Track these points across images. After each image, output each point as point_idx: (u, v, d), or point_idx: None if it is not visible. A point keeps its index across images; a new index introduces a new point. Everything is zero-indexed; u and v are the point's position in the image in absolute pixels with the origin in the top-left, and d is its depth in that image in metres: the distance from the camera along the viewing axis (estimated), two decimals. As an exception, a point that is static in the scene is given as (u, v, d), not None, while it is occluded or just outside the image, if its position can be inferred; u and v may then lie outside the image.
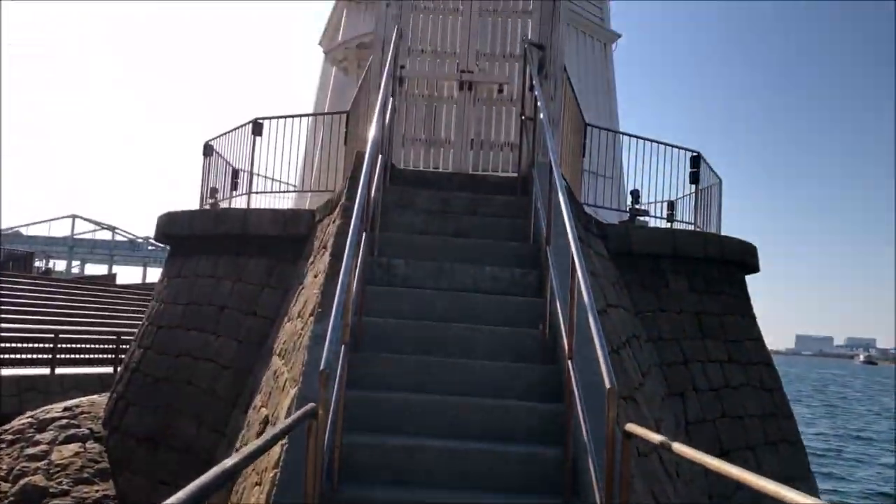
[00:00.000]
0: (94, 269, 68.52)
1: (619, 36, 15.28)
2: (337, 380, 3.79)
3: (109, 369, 16.54)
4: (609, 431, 3.27)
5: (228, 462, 1.92)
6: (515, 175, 7.72)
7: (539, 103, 6.45)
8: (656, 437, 2.94)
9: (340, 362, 3.92)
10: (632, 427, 3.15)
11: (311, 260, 7.64)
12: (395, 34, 7.48)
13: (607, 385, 3.28)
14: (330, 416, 3.65)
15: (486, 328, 5.35)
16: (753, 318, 10.53)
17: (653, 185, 10.47)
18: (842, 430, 36.67)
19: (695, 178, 10.72)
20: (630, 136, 10.60)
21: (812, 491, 9.79)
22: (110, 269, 66.88)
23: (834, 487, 21.39)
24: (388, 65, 6.87)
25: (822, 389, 71.40)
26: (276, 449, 4.13)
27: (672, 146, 10.49)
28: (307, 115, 11.25)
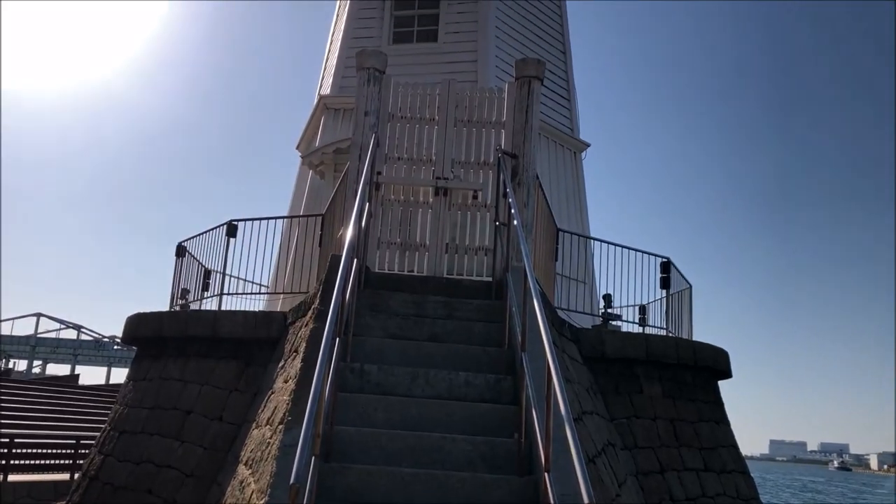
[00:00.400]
0: (57, 369, 66.78)
1: (588, 145, 15.78)
2: (307, 493, 3.66)
3: (66, 476, 15.83)
4: (588, 549, 3.17)
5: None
6: (490, 279, 7.77)
7: (513, 210, 6.57)
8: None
9: (311, 474, 3.80)
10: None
11: (281, 364, 7.51)
12: (372, 142, 7.66)
13: (585, 501, 3.20)
14: (298, 533, 3.49)
15: (460, 437, 5.24)
16: (728, 424, 10.46)
17: (624, 290, 10.58)
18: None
19: (665, 284, 10.87)
20: (601, 241, 10.78)
21: None
22: (73, 368, 65.19)
23: None
24: (364, 171, 7.00)
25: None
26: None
27: (642, 252, 10.68)
28: (282, 217, 11.34)
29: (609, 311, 10.84)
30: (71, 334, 72.31)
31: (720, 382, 10.94)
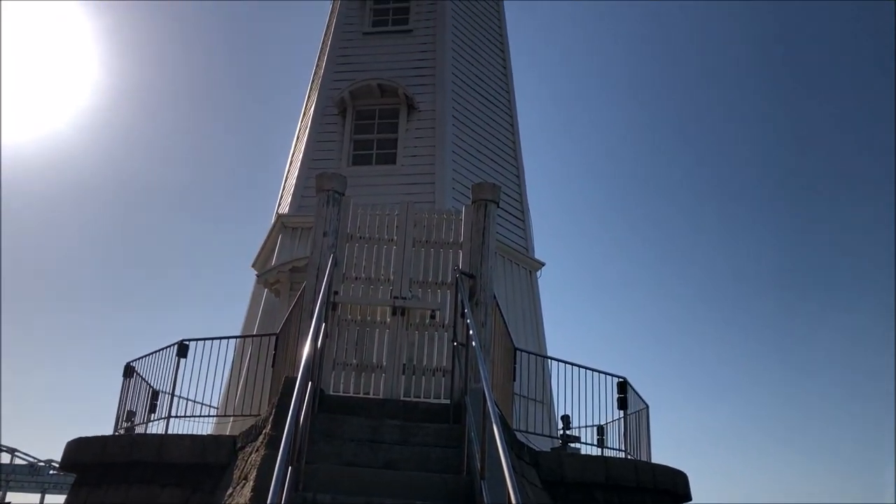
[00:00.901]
0: (-15, 496, 62.63)
1: (543, 264, 16.06)
2: None
3: None
4: None
5: None
6: (448, 401, 7.65)
7: (471, 331, 6.56)
8: None
9: None
10: None
11: (229, 492, 7.18)
12: (330, 262, 7.68)
13: None
14: None
15: (417, 571, 5.00)
16: (690, 551, 10.21)
17: (583, 410, 10.50)
18: None
19: (622, 404, 10.82)
20: (558, 360, 10.78)
21: None
22: (4, 496, 61.26)
23: None
24: (322, 291, 6.97)
25: None
26: None
27: (598, 371, 10.68)
28: (235, 337, 11.15)
29: (568, 432, 10.72)
30: (4, 458, 68.38)
31: (681, 506, 10.75)
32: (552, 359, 11.30)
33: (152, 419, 10.39)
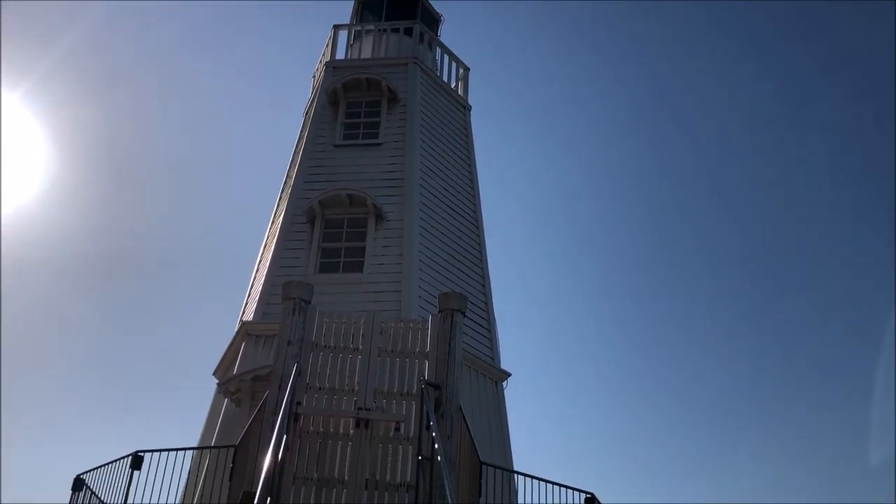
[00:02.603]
0: None
1: (509, 374, 15.97)
2: None
3: None
4: None
5: None
6: (411, 519, 7.42)
7: (436, 445, 6.46)
8: None
9: None
10: None
11: None
12: (294, 371, 7.58)
13: None
14: None
15: None
16: None
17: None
18: None
19: (590, 525, 10.55)
20: (524, 475, 10.54)
21: None
22: None
23: None
24: (284, 402, 6.85)
25: None
26: None
27: (566, 487, 10.45)
28: (192, 448, 10.76)
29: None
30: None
31: None
32: (519, 473, 11.07)
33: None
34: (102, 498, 10.14)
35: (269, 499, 5.75)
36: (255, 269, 16.61)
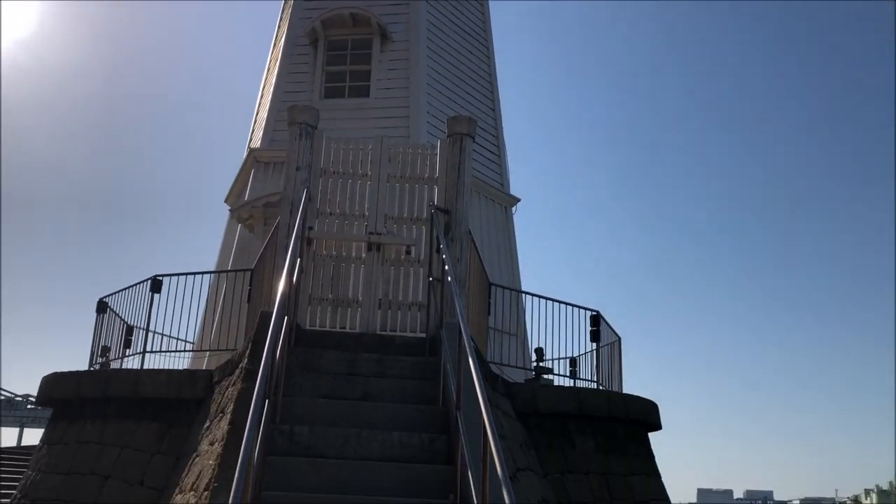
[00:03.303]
0: (-38, 431, 62.72)
1: (518, 199, 16.05)
2: (234, 567, 3.48)
3: (-31, 549, 14.76)
4: None
5: None
6: (423, 335, 7.71)
7: (446, 266, 6.58)
8: None
9: (238, 546, 3.62)
10: None
11: (206, 425, 7.24)
12: (304, 196, 7.59)
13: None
14: None
15: (393, 500, 5.11)
16: (658, 476, 10.54)
17: (556, 343, 10.65)
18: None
19: (595, 337, 10.99)
20: (532, 294, 10.87)
21: None
22: (-19, 430, 61.41)
23: None
24: (296, 226, 6.91)
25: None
26: None
27: (572, 305, 10.81)
28: (209, 272, 11.07)
29: (541, 364, 10.89)
30: (-20, 394, 68.31)
31: (650, 434, 11.06)
32: (526, 293, 11.41)
33: (127, 354, 10.38)
34: (125, 319, 10.57)
35: (286, 317, 5.95)
36: (260, 94, 16.28)
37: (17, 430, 64.39)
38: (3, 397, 67.82)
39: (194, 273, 10.01)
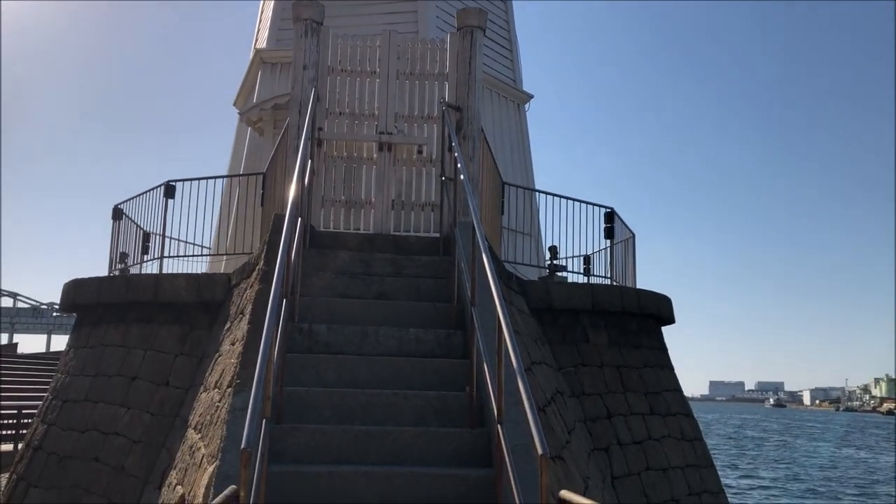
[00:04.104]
0: (-7, 339, 64.72)
1: (532, 96, 15.73)
2: (258, 457, 3.61)
3: (9, 447, 15.47)
4: (543, 499, 3.21)
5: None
6: (437, 235, 7.73)
7: (459, 164, 6.51)
8: (591, 505, 2.89)
9: (262, 437, 3.74)
10: (566, 494, 3.10)
11: (227, 326, 7.38)
12: (312, 97, 7.47)
13: (539, 451, 3.23)
14: (252, 497, 3.45)
15: (411, 393, 5.24)
16: (671, 369, 10.74)
17: (569, 241, 10.66)
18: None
19: (609, 234, 10.98)
20: (546, 193, 10.81)
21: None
22: (11, 337, 63.35)
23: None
24: (305, 127, 6.82)
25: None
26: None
27: (586, 203, 10.75)
28: (221, 176, 11.06)
29: (555, 262, 10.93)
30: (6, 302, 70.06)
31: (663, 328, 11.20)
32: (540, 192, 11.34)
33: (145, 260, 10.51)
34: (141, 225, 10.64)
35: (299, 218, 5.96)
36: (264, -7, 15.78)
37: (45, 336, 66.29)
38: (27, 306, 69.48)
39: (207, 178, 10.01)
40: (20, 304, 69.71)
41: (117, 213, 11.03)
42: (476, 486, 4.47)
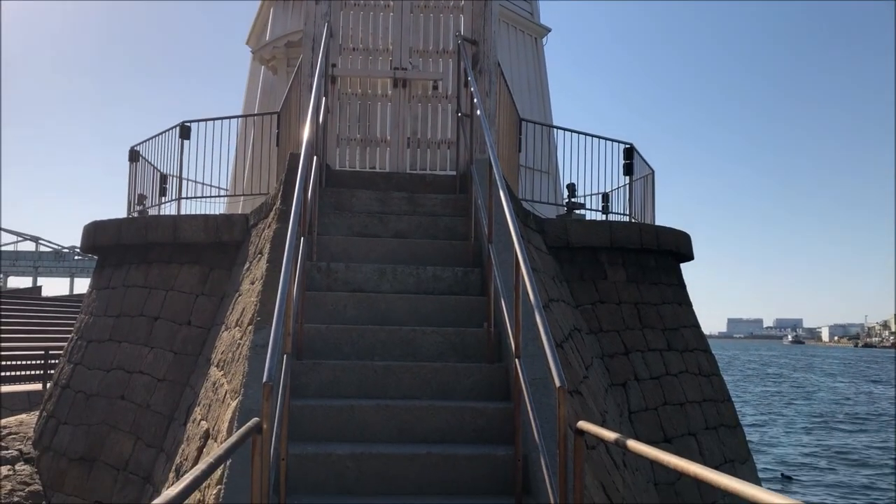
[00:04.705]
0: (18, 282, 65.87)
1: (549, 30, 15.39)
2: (280, 390, 3.66)
3: (38, 386, 15.86)
4: (560, 429, 3.24)
5: (172, 492, 1.80)
6: (454, 173, 7.67)
7: (475, 99, 6.41)
8: (610, 435, 2.91)
9: (283, 372, 3.79)
10: (583, 425, 3.12)
11: (246, 266, 7.43)
12: (325, 32, 7.34)
13: (557, 384, 3.25)
14: (274, 429, 3.52)
15: (430, 329, 5.27)
16: (690, 305, 10.74)
17: (588, 178, 10.56)
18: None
19: (628, 170, 10.86)
20: (564, 129, 10.68)
21: (752, 471, 10.04)
22: (35, 281, 64.42)
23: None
24: (319, 64, 6.72)
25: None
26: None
27: (605, 139, 10.61)
28: (236, 116, 10.98)
29: (573, 200, 10.85)
30: (29, 246, 71.04)
31: (682, 265, 11.16)
32: (558, 128, 11.20)
33: (163, 202, 10.55)
34: (158, 167, 10.65)
35: (315, 157, 5.92)
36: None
37: (68, 280, 67.31)
38: (49, 250, 70.41)
39: (221, 118, 9.96)
40: (42, 248, 70.68)
41: (134, 155, 11.03)
42: (494, 418, 4.53)
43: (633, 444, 2.65)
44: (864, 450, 25.67)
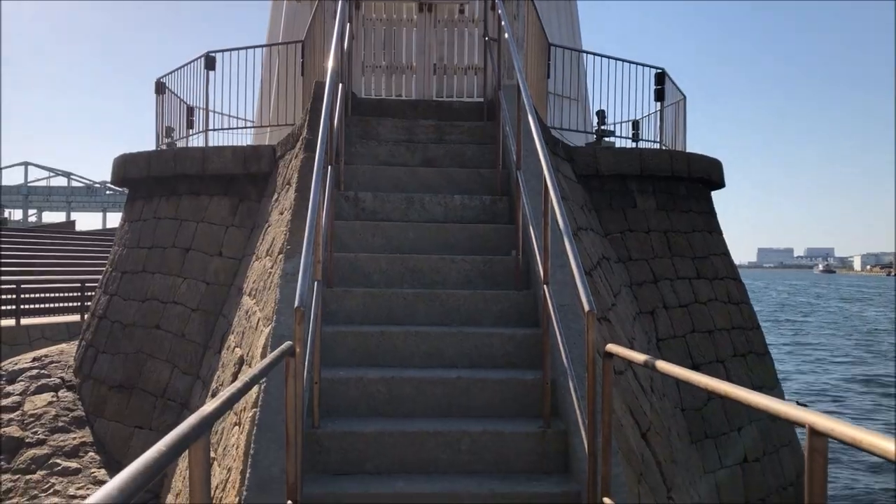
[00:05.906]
0: (52, 217, 67.09)
1: (578, -49, 14.86)
2: (312, 316, 3.71)
3: (76, 317, 16.29)
4: (589, 353, 3.26)
5: (207, 408, 1.84)
6: (481, 100, 7.56)
7: (503, 22, 6.25)
8: (639, 357, 2.92)
9: (314, 298, 3.84)
10: (612, 347, 3.14)
11: (275, 197, 7.47)
12: (348, -44, 7.16)
13: (586, 308, 3.25)
14: (307, 353, 3.58)
15: (458, 257, 5.29)
16: (720, 233, 10.63)
17: (618, 105, 10.35)
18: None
19: (660, 96, 10.62)
20: (594, 54, 10.42)
21: (780, 398, 10.07)
22: (68, 215, 65.52)
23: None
24: (343, -11, 6.57)
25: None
26: (254, 388, 4.07)
27: (636, 63, 10.36)
28: (260, 46, 10.86)
29: (602, 127, 10.67)
30: (61, 182, 72.03)
31: (714, 193, 11.00)
32: (588, 53, 10.93)
33: (191, 134, 10.56)
34: (184, 100, 10.63)
35: (340, 85, 5.86)
36: None
37: (100, 214, 68.32)
38: (81, 185, 71.28)
39: (246, 48, 9.86)
40: (74, 184, 71.62)
41: (160, 87, 11.01)
42: (523, 343, 4.57)
43: (662, 364, 2.66)
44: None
